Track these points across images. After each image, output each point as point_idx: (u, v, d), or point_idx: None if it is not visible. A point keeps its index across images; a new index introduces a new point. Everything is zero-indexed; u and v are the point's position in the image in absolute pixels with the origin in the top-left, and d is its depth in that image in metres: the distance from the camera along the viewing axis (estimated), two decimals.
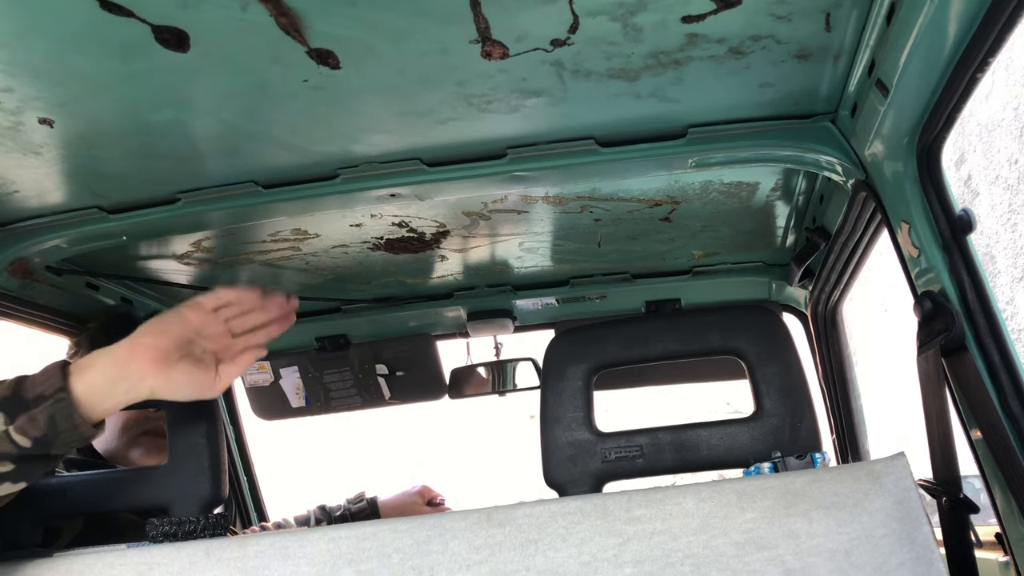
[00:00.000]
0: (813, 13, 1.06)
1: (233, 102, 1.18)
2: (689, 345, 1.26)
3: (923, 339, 1.27)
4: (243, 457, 2.66)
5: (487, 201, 1.71)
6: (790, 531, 1.07)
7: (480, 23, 1.02)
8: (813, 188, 1.76)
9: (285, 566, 1.11)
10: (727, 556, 1.06)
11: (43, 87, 1.08)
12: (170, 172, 1.41)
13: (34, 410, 1.00)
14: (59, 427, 1.01)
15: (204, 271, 1.97)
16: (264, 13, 0.95)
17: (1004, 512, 1.21)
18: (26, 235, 1.56)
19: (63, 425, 1.01)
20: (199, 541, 1.16)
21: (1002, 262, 5.06)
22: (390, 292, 2.30)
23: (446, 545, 1.10)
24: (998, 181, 5.06)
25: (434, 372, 2.51)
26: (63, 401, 1.00)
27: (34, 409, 1.00)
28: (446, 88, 1.19)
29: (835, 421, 2.28)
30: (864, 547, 1.05)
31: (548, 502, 1.14)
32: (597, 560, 1.08)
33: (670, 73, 1.19)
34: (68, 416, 1.01)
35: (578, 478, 1.21)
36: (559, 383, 1.24)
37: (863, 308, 6.42)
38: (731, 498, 1.10)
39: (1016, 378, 1.16)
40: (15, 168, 1.32)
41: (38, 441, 1.00)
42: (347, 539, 1.12)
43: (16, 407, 1.00)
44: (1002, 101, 4.95)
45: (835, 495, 1.09)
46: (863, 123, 1.30)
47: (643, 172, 1.51)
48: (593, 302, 2.40)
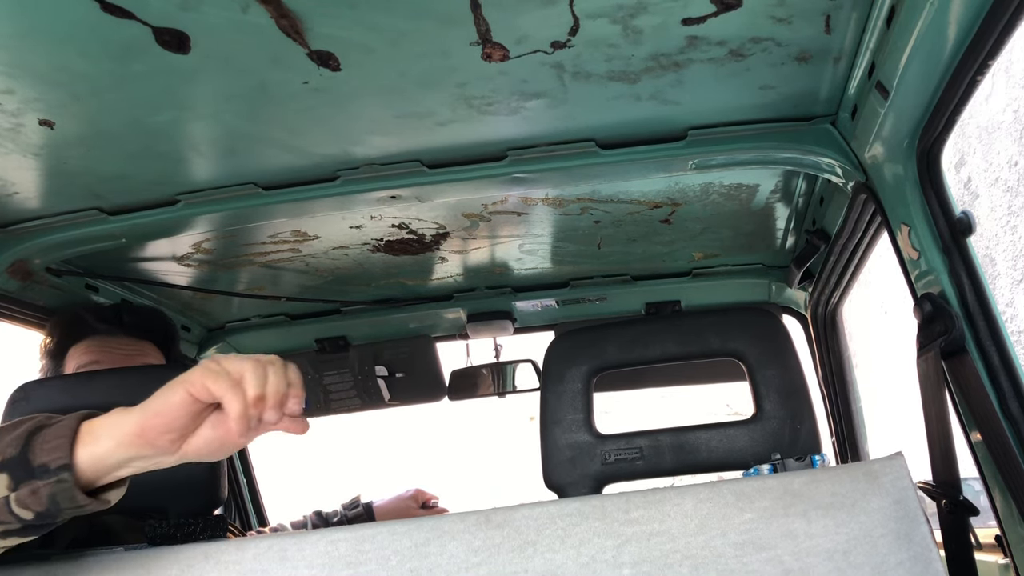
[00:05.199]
0: (813, 15, 1.06)
1: (233, 104, 1.18)
2: (689, 347, 1.26)
3: (923, 341, 1.27)
4: (242, 458, 2.66)
5: (487, 203, 1.71)
6: (788, 531, 1.07)
7: (480, 25, 1.02)
8: (813, 190, 1.76)
9: (283, 569, 1.11)
10: (726, 557, 1.06)
11: (44, 89, 1.08)
12: (170, 173, 1.42)
13: (37, 483, 0.91)
14: (61, 506, 0.93)
15: (204, 273, 1.98)
16: (264, 15, 0.95)
17: (1004, 514, 1.21)
18: (26, 236, 1.56)
19: (65, 504, 0.93)
20: (197, 544, 1.16)
21: (1002, 264, 5.06)
22: (390, 294, 2.30)
23: (444, 547, 1.10)
24: (998, 183, 5.06)
25: (434, 374, 2.51)
26: (65, 483, 0.91)
27: (37, 482, 0.91)
28: (446, 90, 1.19)
29: (835, 423, 2.28)
30: (862, 547, 1.05)
31: (546, 504, 1.14)
32: (596, 561, 1.08)
33: (670, 75, 1.19)
34: (70, 498, 0.92)
35: (578, 480, 1.21)
36: (559, 385, 1.24)
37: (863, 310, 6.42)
38: (729, 499, 1.10)
39: (1016, 380, 1.16)
40: (15, 169, 1.32)
41: (40, 515, 0.93)
42: (345, 541, 1.12)
43: (22, 472, 0.92)
44: (1002, 103, 4.96)
45: (833, 495, 1.09)
46: (863, 125, 1.30)
47: (643, 174, 1.52)
48: (593, 304, 2.40)
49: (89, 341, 1.62)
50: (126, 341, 1.63)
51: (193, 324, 2.33)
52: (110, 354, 1.60)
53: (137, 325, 1.67)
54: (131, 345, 1.63)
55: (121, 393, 1.30)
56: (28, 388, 1.27)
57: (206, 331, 2.41)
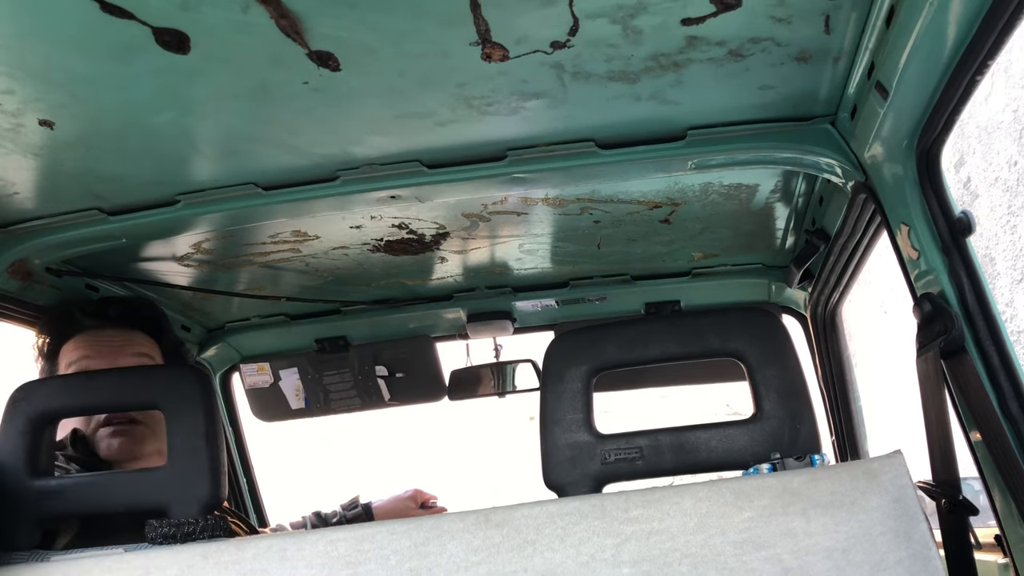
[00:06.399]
0: (812, 15, 1.06)
1: (233, 104, 1.18)
2: (689, 347, 1.26)
3: (923, 341, 1.27)
4: (243, 459, 2.66)
5: (487, 203, 1.71)
6: (788, 530, 1.07)
7: (480, 25, 1.02)
8: (813, 190, 1.77)
9: (283, 569, 1.11)
10: (725, 555, 1.06)
11: (44, 89, 1.08)
12: (170, 174, 1.42)
13: None
14: None
15: (204, 273, 1.98)
16: (264, 15, 0.95)
17: (1003, 514, 1.21)
18: (26, 236, 1.57)
19: None
20: (197, 544, 1.16)
21: (1001, 264, 5.06)
22: (390, 294, 2.30)
23: (444, 547, 1.10)
24: (997, 183, 5.06)
25: (434, 374, 2.51)
26: None
27: None
28: (446, 90, 1.19)
29: (834, 423, 2.28)
30: (862, 545, 1.05)
31: (546, 503, 1.14)
32: (595, 560, 1.08)
33: (670, 75, 1.20)
34: None
35: (578, 480, 1.20)
36: (559, 385, 1.24)
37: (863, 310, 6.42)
38: (728, 497, 1.10)
39: (1015, 380, 1.16)
40: (15, 170, 1.32)
41: None
42: (345, 541, 1.12)
43: None
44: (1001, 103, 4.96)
45: (832, 494, 1.09)
46: (863, 125, 1.30)
47: (643, 174, 1.52)
48: (593, 304, 2.40)
49: (79, 338, 1.62)
50: (115, 333, 1.64)
51: (193, 324, 2.34)
52: (101, 348, 1.60)
53: (124, 316, 1.67)
54: (121, 336, 1.63)
55: (121, 393, 1.30)
56: (28, 388, 1.27)
57: (206, 331, 2.41)
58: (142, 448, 1.55)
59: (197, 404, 1.24)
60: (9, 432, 1.24)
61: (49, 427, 1.27)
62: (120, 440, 1.52)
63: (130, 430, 1.53)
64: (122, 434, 1.53)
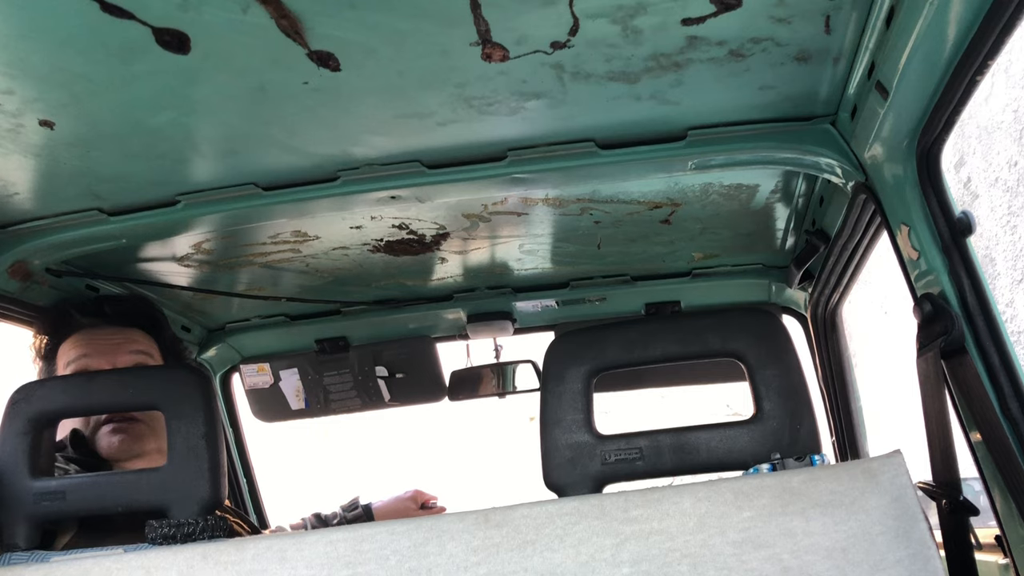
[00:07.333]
0: (813, 15, 1.06)
1: (233, 104, 1.18)
2: (689, 347, 1.26)
3: (923, 341, 1.27)
4: (243, 459, 2.66)
5: (487, 203, 1.71)
6: (787, 529, 1.07)
7: (480, 25, 1.02)
8: (813, 190, 1.77)
9: (283, 569, 1.11)
10: (724, 555, 1.06)
11: (44, 89, 1.08)
12: (170, 174, 1.42)
13: None
14: None
15: (204, 273, 1.98)
16: (265, 15, 0.96)
17: (1004, 514, 1.21)
18: (26, 237, 1.57)
19: None
20: (196, 544, 1.16)
21: (1002, 264, 5.06)
22: (390, 294, 2.30)
23: (443, 547, 1.10)
24: (997, 183, 5.06)
25: (434, 374, 2.51)
26: None
27: None
28: (446, 90, 1.19)
29: (834, 423, 2.28)
30: (861, 544, 1.05)
31: (545, 503, 1.14)
32: (595, 560, 1.08)
33: (670, 75, 1.20)
34: None
35: (578, 480, 1.20)
36: (559, 385, 1.24)
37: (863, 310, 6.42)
38: (728, 497, 1.10)
39: (1015, 380, 1.16)
40: (15, 170, 1.32)
41: None
42: (344, 542, 1.12)
43: None
44: (1002, 103, 4.96)
45: (832, 493, 1.09)
46: (863, 125, 1.30)
47: (643, 174, 1.52)
48: (593, 304, 2.40)
49: (76, 337, 1.62)
50: (111, 331, 1.63)
51: (193, 324, 2.34)
52: (99, 346, 1.60)
53: (120, 314, 1.67)
54: (117, 334, 1.63)
55: (121, 394, 1.30)
56: (28, 389, 1.27)
57: (206, 331, 2.41)
58: (142, 446, 1.55)
59: (197, 405, 1.24)
60: (9, 433, 1.24)
61: (49, 428, 1.27)
62: (120, 438, 1.53)
63: (130, 428, 1.53)
64: (122, 432, 1.53)
